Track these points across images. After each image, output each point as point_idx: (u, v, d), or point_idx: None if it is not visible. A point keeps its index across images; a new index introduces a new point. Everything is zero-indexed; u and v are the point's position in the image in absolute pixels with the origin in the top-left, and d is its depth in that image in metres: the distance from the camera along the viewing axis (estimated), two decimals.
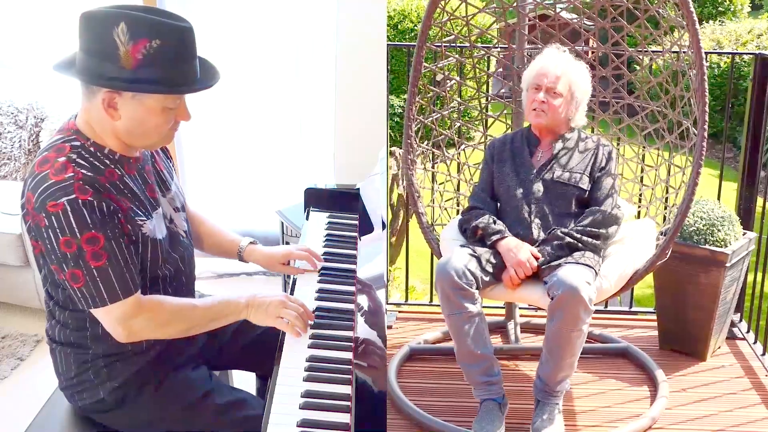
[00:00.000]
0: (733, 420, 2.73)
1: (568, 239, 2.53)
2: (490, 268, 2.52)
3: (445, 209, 3.19)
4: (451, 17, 3.09)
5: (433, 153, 3.17)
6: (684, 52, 2.85)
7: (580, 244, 2.53)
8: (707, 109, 2.59)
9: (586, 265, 2.46)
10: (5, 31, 4.15)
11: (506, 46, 3.26)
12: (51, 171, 1.65)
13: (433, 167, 3.17)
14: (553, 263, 2.49)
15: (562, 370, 2.48)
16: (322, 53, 3.90)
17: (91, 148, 1.72)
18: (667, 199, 3.03)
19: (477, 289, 2.48)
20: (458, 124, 3.34)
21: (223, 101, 3.96)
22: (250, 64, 3.98)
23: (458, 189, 3.26)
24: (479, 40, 3.35)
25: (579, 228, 2.56)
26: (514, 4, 3.17)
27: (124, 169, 1.77)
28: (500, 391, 2.54)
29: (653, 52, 3.13)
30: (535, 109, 2.66)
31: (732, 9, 11.93)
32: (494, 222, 2.62)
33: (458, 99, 3.36)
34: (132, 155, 1.80)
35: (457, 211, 3.19)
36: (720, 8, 11.88)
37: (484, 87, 3.39)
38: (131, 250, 1.72)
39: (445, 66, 3.16)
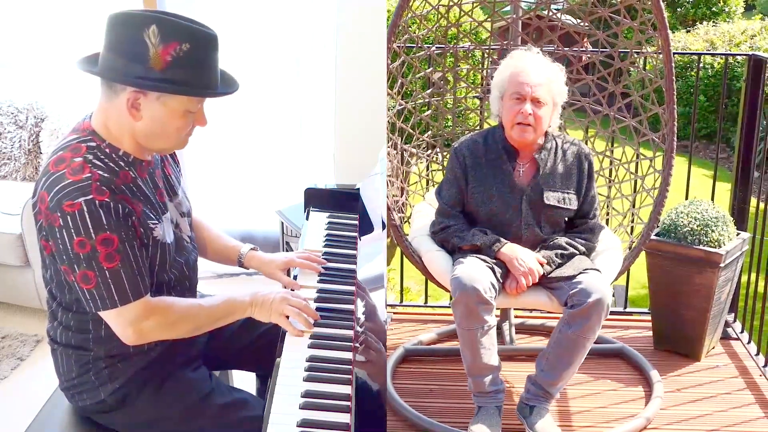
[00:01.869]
0: (727, 420, 2.75)
1: (571, 249, 2.54)
2: (499, 277, 2.50)
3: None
4: (422, 20, 3.07)
5: (427, 155, 3.19)
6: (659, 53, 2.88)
7: (576, 252, 2.56)
8: (675, 115, 2.66)
9: (598, 270, 2.48)
10: (5, 31, 4.15)
11: (471, 46, 3.28)
12: (68, 171, 1.65)
13: (422, 167, 3.18)
14: (558, 274, 2.49)
15: (567, 376, 2.50)
16: (322, 53, 3.91)
17: (107, 150, 1.73)
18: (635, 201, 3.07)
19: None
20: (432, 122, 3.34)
21: (223, 101, 3.95)
22: (251, 64, 3.99)
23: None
24: (455, 39, 3.34)
25: (579, 238, 2.58)
26: (506, 7, 3.21)
27: (137, 171, 1.78)
28: (503, 397, 2.55)
29: (637, 53, 3.16)
30: (520, 123, 2.49)
31: (726, 10, 11.94)
32: (483, 233, 2.55)
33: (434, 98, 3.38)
34: (145, 158, 1.81)
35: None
36: (714, 9, 11.89)
37: (479, 86, 3.42)
38: (143, 252, 1.73)
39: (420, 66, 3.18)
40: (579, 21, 3.21)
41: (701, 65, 8.20)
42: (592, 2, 3.07)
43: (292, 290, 2.07)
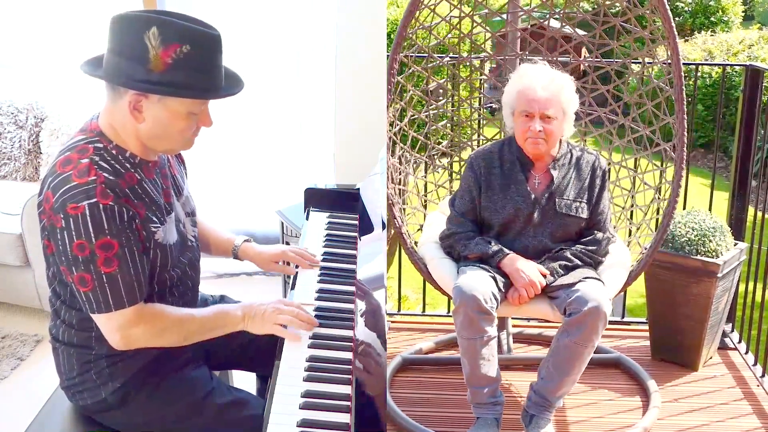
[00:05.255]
0: (724, 430, 2.76)
1: (576, 261, 2.53)
2: (501, 287, 2.49)
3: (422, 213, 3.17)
4: (430, 27, 3.09)
5: (425, 163, 3.20)
6: (668, 63, 2.86)
7: (581, 264, 2.54)
8: (686, 125, 2.58)
9: (599, 280, 2.47)
10: (5, 31, 4.15)
11: (487, 55, 3.29)
12: (74, 172, 1.66)
13: (423, 175, 3.19)
14: (559, 282, 2.47)
15: (566, 384, 2.48)
16: (322, 53, 3.92)
17: (113, 151, 1.74)
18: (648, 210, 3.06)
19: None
20: (443, 131, 3.35)
21: (223, 101, 3.95)
22: (251, 64, 3.99)
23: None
24: (465, 49, 3.36)
25: (585, 250, 2.56)
26: (504, 15, 3.21)
27: (143, 173, 1.78)
28: (501, 410, 2.53)
29: (645, 62, 3.16)
30: (529, 137, 2.51)
31: (725, 20, 12.00)
32: (486, 242, 2.55)
33: (446, 108, 3.39)
34: (151, 159, 1.82)
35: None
36: (712, 19, 11.94)
37: (476, 93, 3.43)
38: (143, 258, 1.73)
39: (427, 72, 3.18)
40: (579, 31, 3.22)
41: (699, 74, 8.24)
42: (602, 12, 3.07)
43: (292, 288, 2.07)
